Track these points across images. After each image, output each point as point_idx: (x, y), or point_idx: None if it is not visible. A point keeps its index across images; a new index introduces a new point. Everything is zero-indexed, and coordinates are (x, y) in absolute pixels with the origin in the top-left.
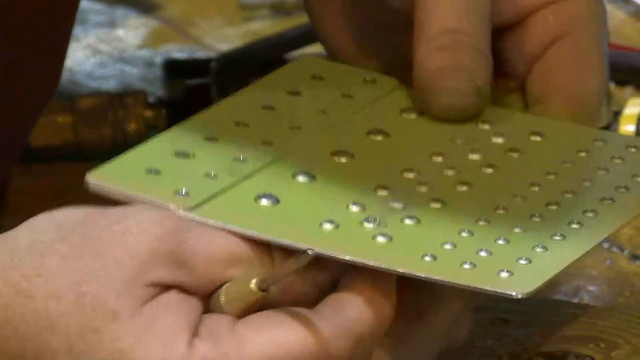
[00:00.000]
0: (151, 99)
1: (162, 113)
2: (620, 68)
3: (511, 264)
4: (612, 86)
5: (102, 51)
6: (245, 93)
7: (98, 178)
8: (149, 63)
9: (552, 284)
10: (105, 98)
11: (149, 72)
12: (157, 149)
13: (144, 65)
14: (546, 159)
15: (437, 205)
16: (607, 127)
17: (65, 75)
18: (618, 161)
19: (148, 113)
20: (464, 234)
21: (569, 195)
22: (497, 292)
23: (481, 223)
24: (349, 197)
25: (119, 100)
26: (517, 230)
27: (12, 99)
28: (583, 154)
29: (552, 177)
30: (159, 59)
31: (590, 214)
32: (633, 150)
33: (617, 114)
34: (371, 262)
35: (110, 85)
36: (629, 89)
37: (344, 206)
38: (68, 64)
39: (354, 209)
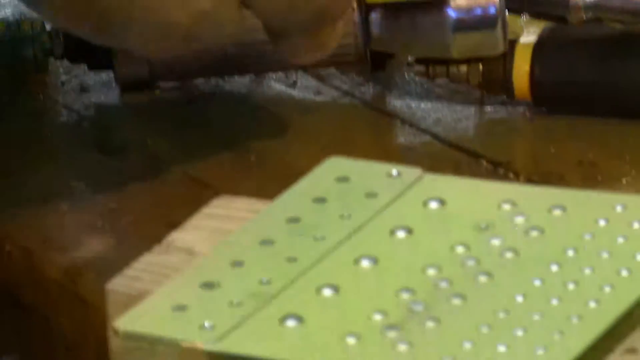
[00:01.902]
0: (49, 27)
1: (60, 40)
2: None
3: (529, 356)
4: (507, 15)
5: None
6: (272, 207)
7: (126, 325)
8: None
9: None
10: (2, 25)
11: None
12: (183, 284)
13: None
14: (566, 234)
15: (457, 302)
16: (503, 56)
17: None
18: (637, 226)
19: (45, 39)
20: (484, 329)
21: (588, 271)
22: None
23: (500, 315)
24: (372, 306)
25: (16, 27)
26: (536, 317)
27: None
28: (603, 222)
29: (571, 253)
30: None
31: (608, 289)
32: None
33: (513, 43)
34: None
35: (7, 12)
36: (523, 18)
37: (367, 316)
38: None
39: (377, 317)
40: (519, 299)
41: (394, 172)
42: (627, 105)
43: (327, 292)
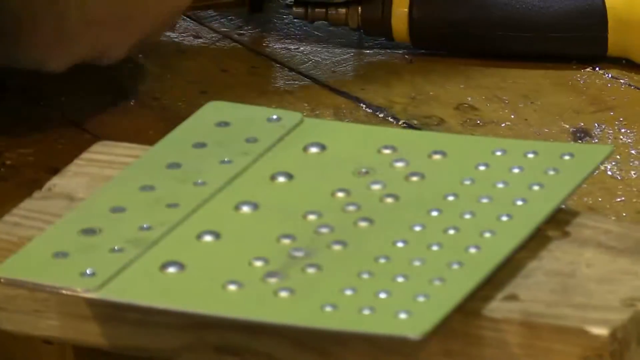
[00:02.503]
0: None
1: None
2: None
3: (410, 303)
4: None
5: None
6: (152, 152)
7: (7, 271)
8: None
9: None
10: None
11: None
12: (63, 230)
13: None
14: (446, 179)
15: (338, 247)
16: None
17: None
18: (517, 171)
19: None
20: (364, 276)
21: (469, 217)
22: (396, 336)
23: (381, 261)
24: (253, 252)
25: None
26: (416, 263)
27: None
28: (482, 167)
29: (451, 198)
30: None
31: (487, 235)
32: (532, 156)
33: None
34: (272, 321)
35: None
36: None
37: (248, 262)
38: None
39: (258, 264)
40: (400, 244)
41: (274, 116)
42: (503, 44)
43: (207, 238)
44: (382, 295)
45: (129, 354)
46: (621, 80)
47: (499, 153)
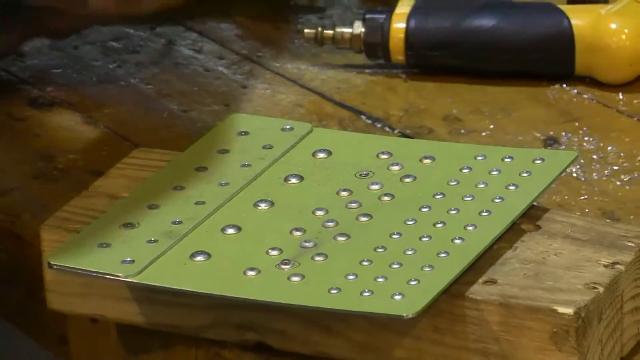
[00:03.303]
0: None
1: None
2: None
3: (403, 287)
4: None
5: None
6: (183, 157)
7: (58, 259)
8: None
9: None
10: None
11: None
12: (106, 224)
13: None
14: (435, 180)
15: (342, 239)
16: (381, 25)
17: None
18: (496, 173)
19: None
20: (365, 263)
21: (454, 212)
22: (392, 315)
23: (379, 251)
24: (269, 243)
25: None
26: (409, 252)
27: None
28: (466, 170)
29: (439, 197)
30: None
31: (470, 228)
32: (509, 160)
33: (390, 13)
34: (285, 302)
35: None
36: None
37: (265, 252)
38: None
39: (273, 253)
40: (395, 236)
41: (287, 126)
42: (485, 64)
43: (230, 231)
44: (380, 280)
45: (163, 331)
46: (585, 96)
47: (480, 158)
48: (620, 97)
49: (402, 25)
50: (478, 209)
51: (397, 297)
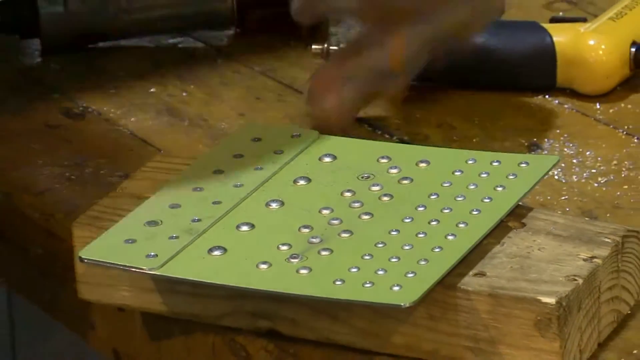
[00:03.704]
0: None
1: None
2: None
3: (401, 279)
4: None
5: None
6: (201, 161)
7: (88, 254)
8: None
9: None
10: None
11: None
12: (132, 222)
13: None
14: (430, 182)
15: (346, 235)
16: None
17: None
18: (485, 175)
19: None
20: (366, 257)
21: (447, 211)
22: (391, 305)
23: (379, 246)
24: (279, 239)
25: None
26: (406, 248)
27: None
28: (458, 173)
29: (434, 197)
30: None
31: (462, 225)
32: (497, 164)
33: None
34: (294, 293)
35: None
36: None
37: (276, 247)
38: None
39: (283, 248)
40: (394, 233)
41: (296, 133)
42: (476, 77)
43: (244, 228)
44: (380, 273)
45: (183, 319)
46: (566, 106)
47: (470, 162)
48: (598, 106)
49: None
50: (469, 208)
51: (396, 288)
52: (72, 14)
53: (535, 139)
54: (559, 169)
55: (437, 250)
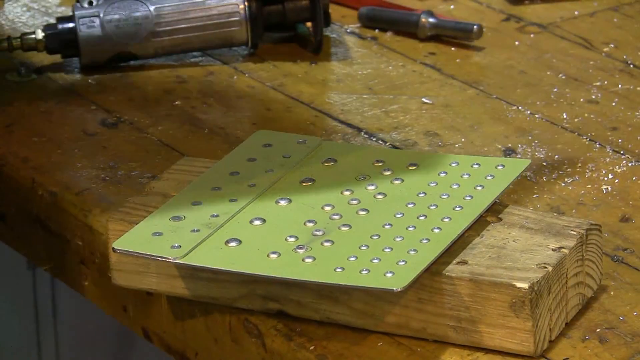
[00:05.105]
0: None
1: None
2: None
3: (394, 266)
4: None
5: (33, 8)
6: (220, 164)
7: (121, 245)
8: None
9: None
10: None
11: None
12: (159, 217)
13: None
14: (418, 182)
15: (345, 229)
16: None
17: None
18: (466, 176)
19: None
20: (363, 247)
21: (433, 207)
22: (384, 289)
23: (374, 238)
24: (287, 232)
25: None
26: (398, 239)
27: None
28: (443, 174)
29: (422, 195)
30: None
31: (447, 220)
32: (476, 166)
33: None
34: (300, 279)
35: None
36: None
37: (284, 239)
38: (10, 17)
39: (291, 240)
40: (387, 226)
41: (302, 140)
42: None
43: (257, 223)
44: (375, 261)
45: (204, 301)
46: (537, 116)
47: (454, 165)
48: (565, 116)
49: None
50: (452, 205)
51: (389, 275)
52: (108, 37)
53: (510, 145)
54: (531, 171)
55: (424, 241)
